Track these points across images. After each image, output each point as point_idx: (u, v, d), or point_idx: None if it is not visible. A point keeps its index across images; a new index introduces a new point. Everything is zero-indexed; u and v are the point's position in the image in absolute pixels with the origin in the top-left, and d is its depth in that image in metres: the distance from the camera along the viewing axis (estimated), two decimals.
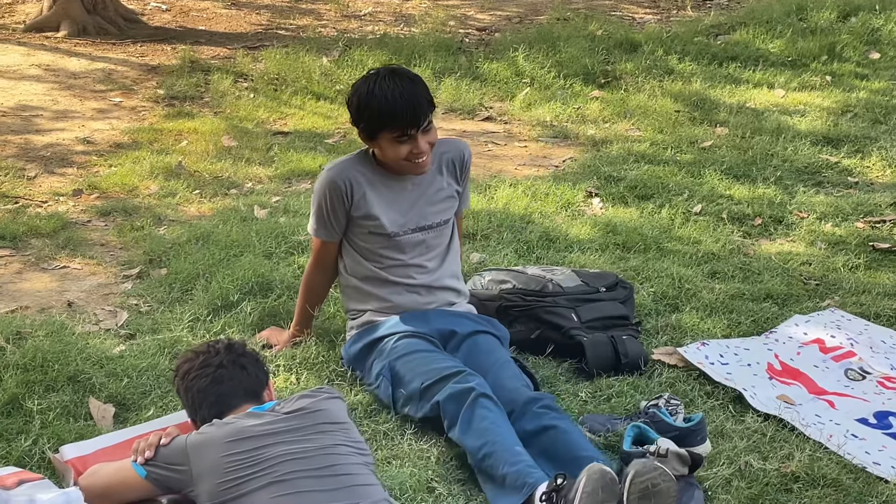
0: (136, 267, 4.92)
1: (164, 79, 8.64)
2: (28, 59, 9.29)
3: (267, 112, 7.66)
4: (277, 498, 2.83)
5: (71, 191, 6.00)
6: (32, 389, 3.66)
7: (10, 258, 5.07)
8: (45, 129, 7.29)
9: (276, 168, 6.41)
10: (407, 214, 3.87)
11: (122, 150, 6.76)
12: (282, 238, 5.00)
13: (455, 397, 3.41)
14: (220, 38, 10.46)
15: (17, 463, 3.27)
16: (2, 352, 3.92)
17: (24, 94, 8.20)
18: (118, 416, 3.62)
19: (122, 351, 4.04)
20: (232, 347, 3.27)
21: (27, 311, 4.48)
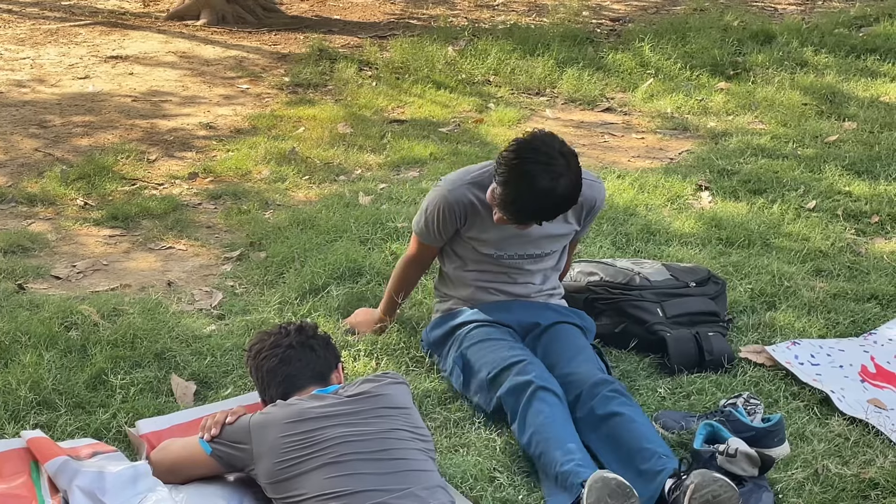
0: (238, 249, 5.02)
1: (291, 67, 8.80)
2: (165, 46, 9.58)
3: (386, 100, 7.72)
4: (331, 479, 2.85)
5: (187, 174, 6.16)
6: (118, 365, 3.77)
7: (120, 238, 5.24)
8: (172, 114, 7.51)
9: (387, 155, 6.46)
10: (519, 244, 3.79)
11: (240, 136, 6.91)
12: (379, 225, 5.03)
13: (514, 391, 3.38)
14: (352, 27, 10.59)
15: (95, 435, 3.38)
16: (95, 327, 4.04)
17: (157, 80, 8.45)
18: (199, 393, 3.70)
19: (211, 331, 4.12)
20: (303, 329, 3.30)
21: (128, 289, 4.62)
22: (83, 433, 3.38)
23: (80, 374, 3.69)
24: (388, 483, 2.85)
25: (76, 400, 3.55)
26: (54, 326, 4.00)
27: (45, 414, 3.47)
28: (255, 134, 6.94)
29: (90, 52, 9.32)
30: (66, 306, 4.21)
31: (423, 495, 2.81)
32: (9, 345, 3.86)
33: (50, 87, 8.22)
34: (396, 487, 2.84)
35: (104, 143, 6.76)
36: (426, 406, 3.59)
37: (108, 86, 8.25)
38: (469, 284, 3.87)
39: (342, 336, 4.03)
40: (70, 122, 7.23)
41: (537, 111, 7.63)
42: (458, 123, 7.13)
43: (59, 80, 8.42)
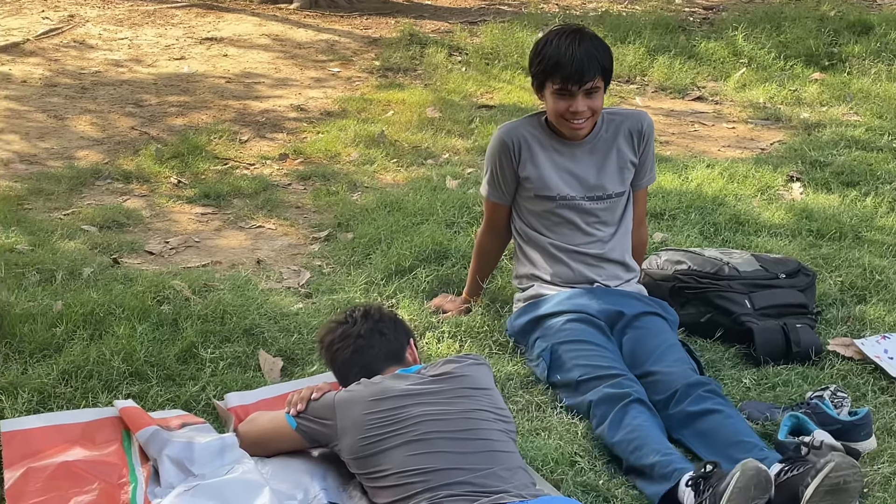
0: (326, 230, 5.08)
1: (382, 51, 8.87)
2: (259, 28, 9.71)
3: (475, 85, 7.74)
4: (413, 456, 2.88)
5: (277, 155, 6.25)
6: (208, 339, 3.85)
7: (212, 216, 5.34)
8: (264, 95, 7.61)
9: (475, 140, 6.48)
10: (577, 180, 3.85)
11: (330, 118, 6.99)
12: (466, 209, 5.05)
13: (609, 399, 3.36)
14: (443, 12, 10.63)
15: (184, 406, 3.46)
16: (187, 302, 4.13)
17: (251, 62, 8.58)
18: (285, 369, 3.76)
19: (298, 308, 4.19)
20: (369, 314, 3.30)
21: (218, 265, 4.71)
22: (173, 404, 3.46)
23: (171, 347, 3.77)
24: (470, 462, 2.87)
25: (167, 372, 3.64)
26: (147, 300, 4.10)
27: (137, 385, 3.55)
28: (344, 117, 7.01)
29: (186, 34, 9.49)
30: (158, 281, 4.30)
31: (504, 476, 2.82)
32: (103, 317, 3.96)
33: (146, 67, 8.39)
34: (478, 467, 2.86)
35: (198, 122, 6.89)
36: (508, 389, 3.60)
37: (203, 67, 8.39)
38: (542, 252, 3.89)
39: (427, 318, 4.06)
40: (165, 102, 7.38)
41: (626, 98, 7.59)
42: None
43: (156, 60, 8.59)
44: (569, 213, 3.86)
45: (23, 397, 3.42)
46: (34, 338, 3.81)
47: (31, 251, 4.67)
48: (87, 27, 9.69)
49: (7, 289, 4.20)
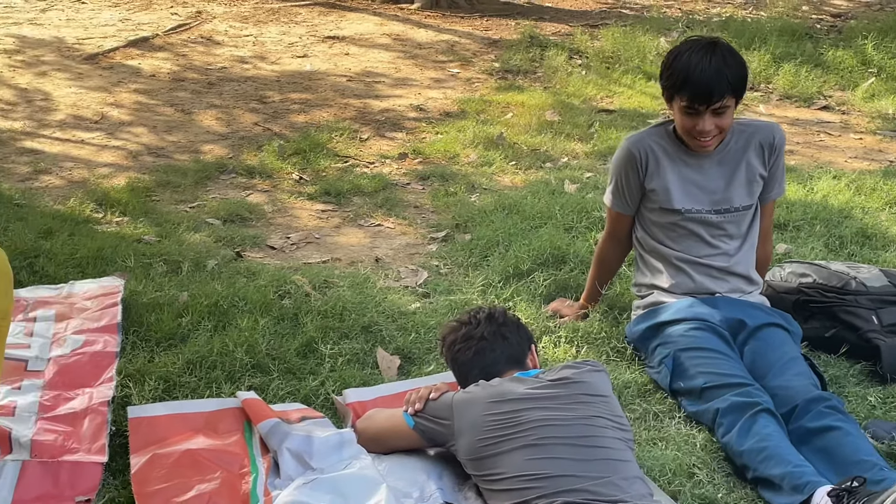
0: (444, 230, 5.11)
1: (502, 53, 8.88)
2: (380, 28, 9.80)
3: (595, 89, 7.70)
4: (531, 461, 2.87)
5: (397, 154, 6.30)
6: (328, 335, 3.90)
7: (332, 213, 5.41)
8: (384, 94, 7.69)
9: (594, 144, 6.44)
10: (704, 193, 3.79)
11: (449, 119, 7.02)
12: (584, 213, 5.03)
13: (737, 407, 3.30)
14: (564, 14, 10.59)
15: (304, 400, 3.51)
16: (307, 298, 4.19)
17: (372, 61, 8.67)
18: (402, 367, 3.79)
19: (416, 308, 4.22)
20: (492, 317, 3.31)
21: (338, 262, 4.77)
22: (293, 398, 3.52)
23: (291, 342, 3.83)
24: (587, 469, 2.86)
25: (287, 366, 3.70)
26: (269, 294, 4.17)
27: (259, 377, 3.62)
28: (463, 118, 7.04)
29: (309, 32, 9.63)
30: (280, 275, 4.38)
31: (621, 485, 2.80)
32: (227, 309, 4.05)
33: (270, 64, 8.54)
34: (595, 475, 2.84)
35: (319, 120, 6.98)
36: (626, 397, 3.57)
37: (325, 65, 8.51)
38: (665, 262, 3.84)
39: (543, 322, 4.05)
40: (288, 99, 7.50)
41: (750, 106, 7.47)
42: (668, 115, 7.02)
43: (279, 57, 8.73)
44: (694, 226, 3.81)
45: (149, 385, 3.52)
46: (160, 327, 3.91)
47: (158, 242, 4.79)
48: (213, 24, 9.90)
49: (135, 278, 4.32)
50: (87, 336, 3.83)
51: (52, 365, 3.67)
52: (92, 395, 3.44)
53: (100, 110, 7.12)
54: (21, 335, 3.88)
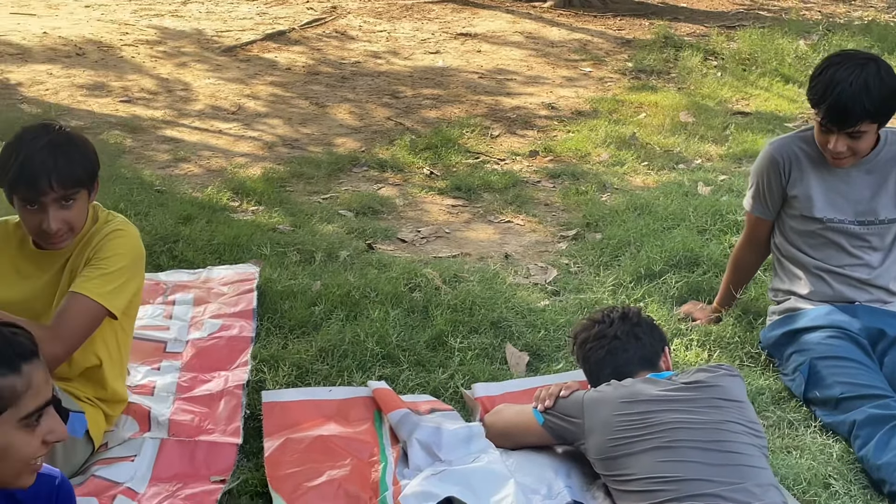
0: (574, 229, 5.08)
1: (635, 52, 8.80)
2: (513, 26, 9.81)
3: (731, 91, 7.57)
4: (662, 463, 2.84)
5: (527, 151, 6.30)
6: (457, 329, 3.92)
7: (462, 208, 5.43)
8: (516, 92, 7.69)
9: (729, 147, 6.34)
10: (848, 203, 3.69)
11: (581, 118, 6.99)
12: (718, 216, 4.95)
13: (875, 420, 3.21)
14: (699, 15, 10.44)
15: (433, 392, 3.53)
16: (437, 291, 4.22)
17: (504, 58, 8.68)
18: (531, 364, 3.78)
19: (545, 305, 4.21)
20: (627, 317, 3.27)
21: (468, 257, 4.79)
22: (422, 389, 3.54)
23: (421, 334, 3.86)
24: (720, 475, 2.81)
25: (417, 357, 3.72)
26: (400, 286, 4.21)
27: (389, 367, 3.66)
28: (595, 117, 6.99)
29: (441, 29, 9.69)
30: (410, 268, 4.42)
31: (755, 492, 2.75)
32: (358, 299, 4.10)
33: (403, 59, 8.62)
34: (728, 480, 2.79)
35: (450, 116, 7.02)
36: (760, 403, 3.50)
37: (457, 61, 8.55)
38: (804, 270, 3.75)
39: (675, 324, 4.00)
40: (420, 95, 7.55)
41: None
42: (806, 119, 6.89)
43: (412, 53, 8.81)
44: (835, 236, 3.71)
45: (283, 370, 3.58)
46: (294, 314, 3.98)
47: (292, 231, 4.88)
48: (348, 18, 10.03)
49: (270, 266, 4.40)
50: (224, 321, 3.92)
51: (190, 347, 3.77)
52: (227, 379, 3.53)
53: (237, 101, 7.28)
54: (160, 317, 4.00)
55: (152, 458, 3.11)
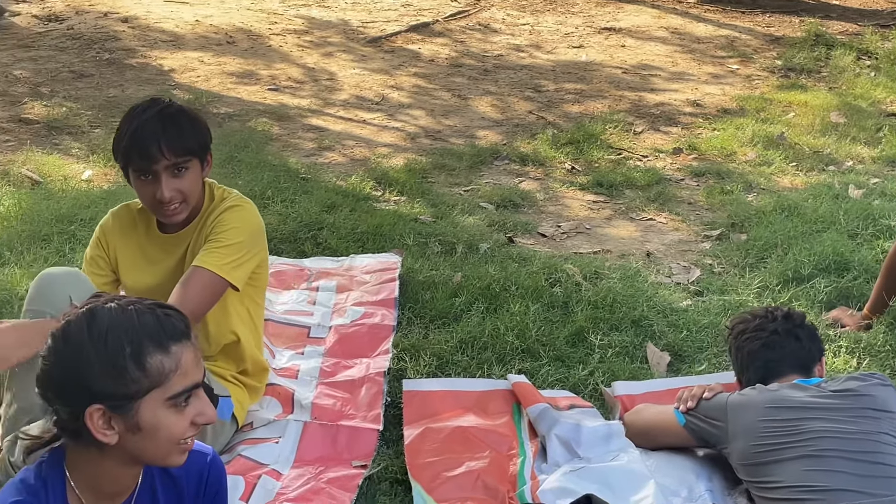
0: (718, 229, 4.99)
1: (784, 50, 8.59)
2: (658, 21, 9.68)
3: (885, 92, 7.32)
4: (810, 472, 2.77)
5: (671, 149, 6.21)
6: (597, 325, 3.89)
7: (603, 204, 5.39)
8: (659, 88, 7.58)
9: (882, 150, 6.13)
10: None
11: (727, 116, 6.85)
12: (871, 220, 4.79)
13: None
14: (851, 13, 10.13)
15: (572, 389, 3.52)
16: (578, 287, 4.20)
17: (648, 53, 8.57)
18: (672, 365, 3.73)
19: (687, 305, 4.15)
20: (790, 317, 3.22)
21: (608, 254, 4.74)
22: (562, 385, 3.53)
23: (561, 329, 3.85)
24: (869, 487, 2.72)
25: (557, 353, 3.71)
26: (540, 281, 4.20)
27: (529, 361, 3.65)
28: (742, 115, 6.85)
29: (585, 23, 9.62)
30: (551, 263, 4.40)
31: None
32: (499, 292, 4.10)
33: (545, 53, 8.58)
34: (878, 493, 2.71)
35: (593, 111, 6.96)
36: None
37: (600, 56, 8.48)
38: None
39: (823, 330, 3.89)
40: (562, 89, 7.51)
41: None
42: None
43: (555, 47, 8.77)
44: None
45: (424, 360, 3.61)
46: (435, 305, 4.01)
47: (433, 222, 4.91)
48: (491, 11, 10.03)
49: (412, 256, 4.44)
50: (366, 308, 3.97)
51: (333, 333, 3.83)
52: (369, 366, 3.58)
53: (381, 92, 7.36)
54: (304, 303, 4.08)
55: (296, 440, 3.17)
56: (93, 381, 1.89)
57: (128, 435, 1.92)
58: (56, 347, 1.93)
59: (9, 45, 8.22)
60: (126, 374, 1.89)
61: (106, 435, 1.91)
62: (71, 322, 1.93)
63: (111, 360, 1.89)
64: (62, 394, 1.93)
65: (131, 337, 1.90)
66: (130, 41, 8.47)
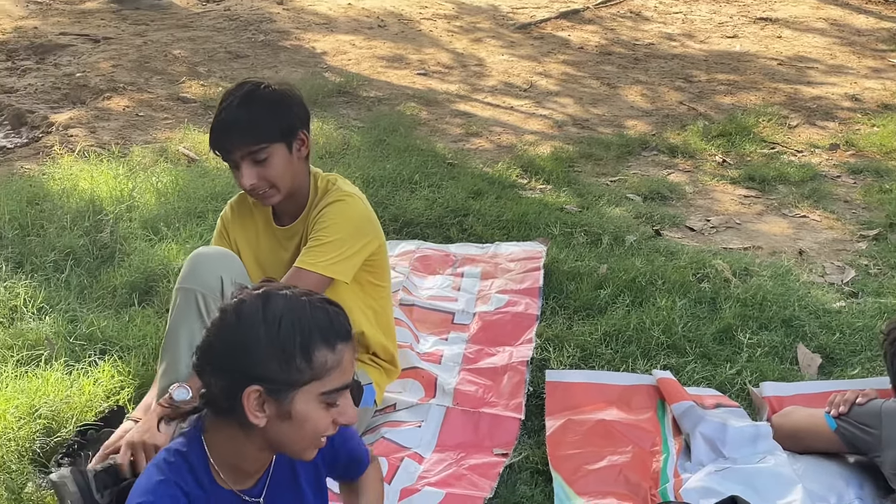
0: (875, 229, 4.83)
1: None
2: (816, 12, 9.39)
3: None
4: None
5: (827, 144, 6.02)
6: (746, 324, 3.81)
7: (755, 199, 5.26)
8: (816, 81, 7.36)
9: None
10: None
11: (888, 112, 6.61)
12: None
13: None
14: None
15: (718, 387, 3.45)
16: (726, 283, 4.11)
17: (805, 45, 8.33)
18: (823, 367, 3.63)
19: (840, 307, 4.02)
20: None
21: (759, 250, 4.63)
22: (707, 383, 3.47)
23: (708, 326, 3.78)
24: None
25: (703, 350, 3.65)
26: (688, 276, 4.13)
27: (674, 357, 3.60)
28: None
29: (740, 12, 9.41)
30: (699, 258, 4.33)
31: None
32: (644, 286, 4.05)
33: (698, 42, 8.42)
34: None
35: (746, 103, 6.81)
36: None
37: (755, 47, 8.27)
38: None
39: None
40: (714, 80, 7.36)
41: None
42: None
43: (708, 36, 8.60)
44: None
45: (567, 351, 3.60)
46: (579, 296, 3.99)
47: (579, 212, 4.87)
48: None
49: (556, 245, 4.42)
50: (510, 296, 3.97)
51: (477, 320, 3.84)
52: (512, 354, 3.58)
53: (529, 79, 7.33)
54: (449, 289, 4.10)
55: (438, 425, 3.20)
56: (258, 361, 1.92)
57: (276, 421, 1.95)
58: (226, 323, 1.96)
59: (168, 24, 8.47)
60: (293, 361, 1.92)
61: (257, 416, 1.93)
62: (245, 301, 1.96)
63: (281, 345, 1.92)
64: (221, 368, 1.96)
65: (303, 327, 1.93)
66: (285, 23, 8.63)
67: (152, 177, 4.98)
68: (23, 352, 3.40)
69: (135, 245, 4.24)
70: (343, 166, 5.18)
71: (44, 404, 3.05)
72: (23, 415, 3.01)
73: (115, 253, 4.20)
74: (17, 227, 4.33)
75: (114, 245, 4.25)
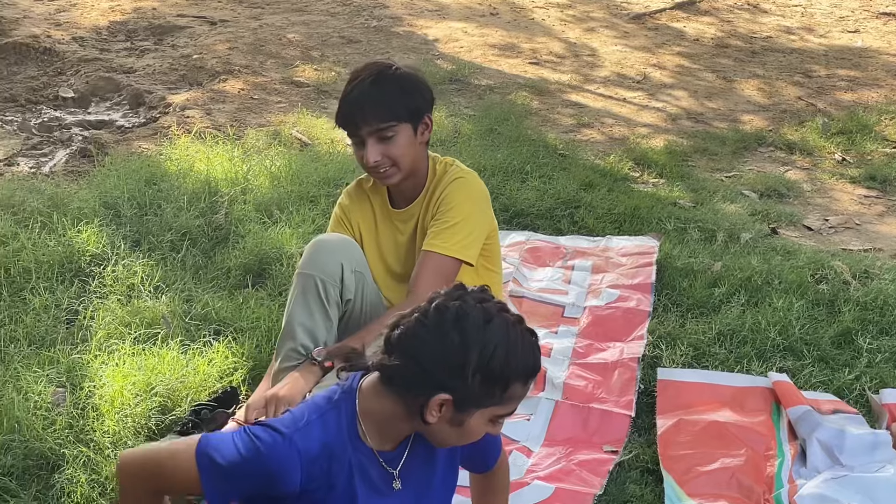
0: None
1: None
2: None
3: None
4: None
5: None
6: (866, 328, 3.70)
7: (876, 200, 5.12)
8: None
9: None
10: None
11: None
12: None
13: None
14: None
15: (836, 392, 3.35)
16: (846, 286, 4.00)
17: None
18: None
19: None
20: None
21: (880, 252, 4.50)
22: (825, 388, 3.37)
23: (826, 329, 3.67)
24: None
25: (821, 353, 3.55)
26: (805, 276, 4.03)
27: (790, 360, 3.51)
28: None
29: (862, 6, 9.16)
30: (817, 259, 4.21)
31: None
32: (760, 285, 3.96)
33: (818, 37, 8.22)
34: None
35: (867, 100, 6.62)
36: None
37: (877, 42, 8.05)
38: None
39: None
40: (834, 75, 7.18)
41: None
42: None
43: (828, 31, 8.39)
44: None
45: (680, 349, 3.53)
46: (693, 293, 3.91)
47: (692, 208, 4.79)
48: None
49: (669, 241, 4.34)
50: (622, 291, 3.92)
51: (587, 314, 3.80)
52: (623, 350, 3.52)
53: (642, 70, 7.23)
54: (559, 281, 4.06)
55: (547, 418, 3.17)
56: (457, 375, 1.97)
57: (444, 424, 2.02)
58: (444, 328, 1.98)
59: (283, 8, 8.55)
60: (492, 389, 1.99)
61: (433, 416, 2.00)
62: (469, 316, 1.99)
63: (488, 373, 1.98)
64: (422, 364, 1.98)
65: (513, 363, 1.99)
66: (398, 9, 8.65)
67: (266, 160, 5.03)
68: (140, 329, 3.46)
69: (248, 227, 4.28)
70: (454, 154, 5.13)
71: (160, 382, 3.10)
72: (140, 391, 3.07)
73: (230, 235, 4.25)
74: (135, 206, 4.41)
75: (228, 227, 4.30)
